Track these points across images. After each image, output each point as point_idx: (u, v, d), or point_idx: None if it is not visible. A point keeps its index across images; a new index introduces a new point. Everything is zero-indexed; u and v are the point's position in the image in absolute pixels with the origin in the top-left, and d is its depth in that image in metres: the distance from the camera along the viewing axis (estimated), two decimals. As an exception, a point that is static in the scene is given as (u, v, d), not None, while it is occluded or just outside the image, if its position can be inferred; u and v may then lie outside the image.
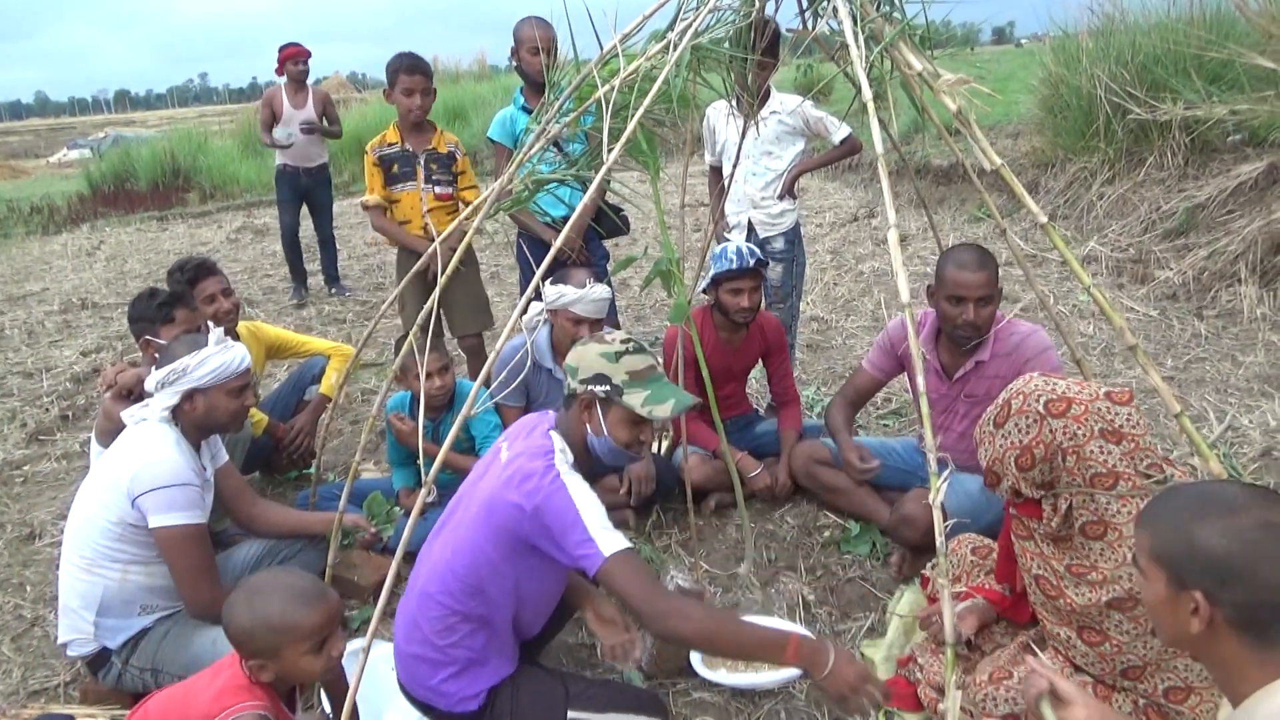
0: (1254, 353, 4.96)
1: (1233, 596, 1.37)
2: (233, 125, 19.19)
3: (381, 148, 4.38)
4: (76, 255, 10.57)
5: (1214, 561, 1.37)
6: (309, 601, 1.99)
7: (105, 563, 2.58)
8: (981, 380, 3.13)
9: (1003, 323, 3.13)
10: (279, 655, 1.97)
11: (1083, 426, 2.10)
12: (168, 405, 2.69)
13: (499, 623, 2.32)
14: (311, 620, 1.97)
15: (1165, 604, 1.46)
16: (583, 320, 3.43)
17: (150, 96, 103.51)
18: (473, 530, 2.22)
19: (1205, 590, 1.39)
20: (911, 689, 2.57)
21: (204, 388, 2.70)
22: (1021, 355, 3.06)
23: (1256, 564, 1.35)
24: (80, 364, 6.21)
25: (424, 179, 4.33)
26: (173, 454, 2.62)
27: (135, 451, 2.62)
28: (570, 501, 2.11)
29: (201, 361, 2.68)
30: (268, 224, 11.92)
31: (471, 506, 2.26)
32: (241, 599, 2.00)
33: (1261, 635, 1.37)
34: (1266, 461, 3.78)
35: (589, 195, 2.09)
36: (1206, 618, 1.39)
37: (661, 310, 6.76)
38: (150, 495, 2.53)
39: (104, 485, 2.61)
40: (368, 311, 7.41)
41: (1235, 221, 6.06)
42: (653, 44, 2.36)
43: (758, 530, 3.58)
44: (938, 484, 1.70)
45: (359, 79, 46.51)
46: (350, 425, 4.92)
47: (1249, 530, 1.37)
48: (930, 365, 3.21)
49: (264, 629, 1.95)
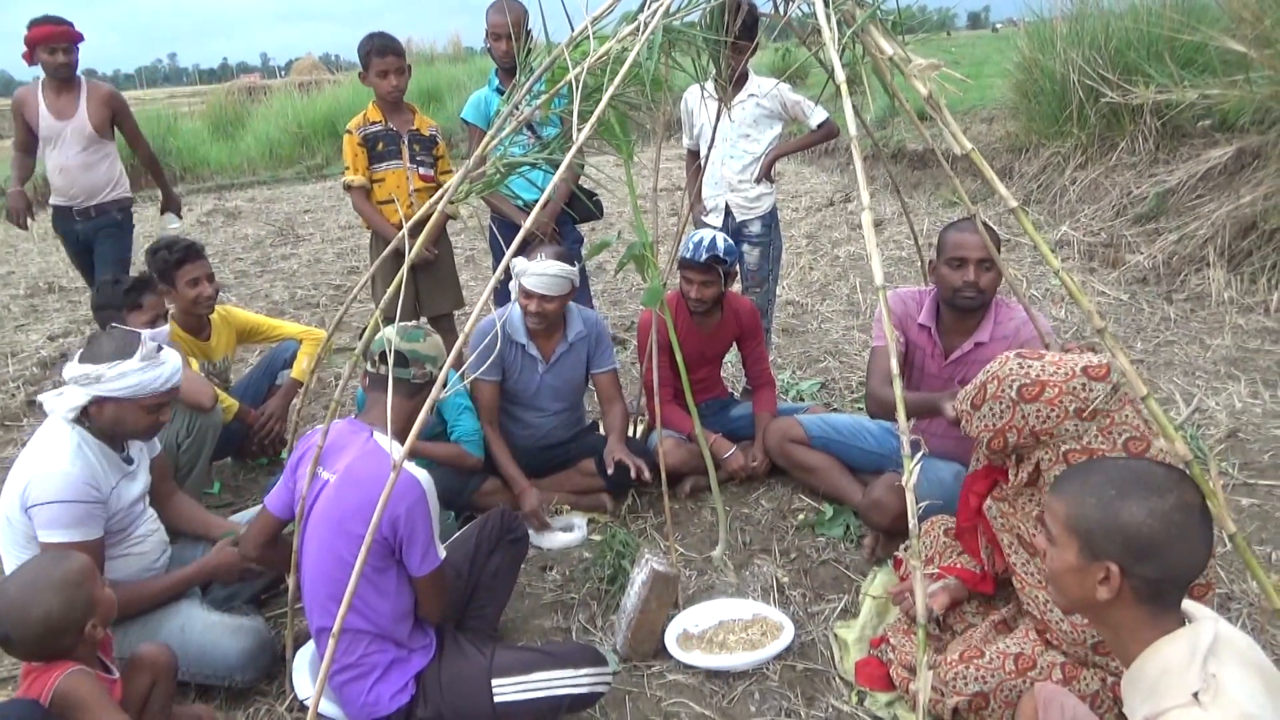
0: (1221, 336, 5.03)
1: (1145, 571, 1.46)
2: (202, 107, 18.91)
3: (365, 126, 4.33)
4: (43, 239, 10.36)
5: (1136, 538, 1.45)
6: (60, 553, 2.15)
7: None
8: (979, 363, 3.10)
9: (1004, 305, 3.12)
10: (94, 597, 2.07)
11: (1056, 409, 2.13)
12: (75, 405, 2.53)
13: (410, 613, 2.41)
14: (80, 559, 2.11)
15: (1073, 571, 1.53)
16: (531, 294, 3.41)
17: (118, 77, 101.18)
18: (337, 551, 2.28)
19: (1120, 563, 1.46)
20: (884, 669, 2.60)
21: (116, 399, 2.52)
22: (1018, 340, 3.01)
23: (1172, 544, 1.44)
24: (47, 348, 6.12)
25: (409, 159, 4.30)
26: (67, 466, 2.46)
27: (34, 458, 2.50)
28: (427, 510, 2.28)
29: (120, 374, 2.49)
30: (239, 207, 11.78)
31: (324, 531, 2.32)
32: (26, 605, 1.99)
33: (1158, 603, 1.48)
34: (1232, 443, 3.84)
35: (557, 176, 2.08)
36: (1115, 588, 1.47)
37: (638, 294, 6.75)
38: (39, 509, 2.42)
39: (9, 494, 2.50)
40: (340, 296, 7.35)
41: (1204, 206, 6.13)
42: (624, 26, 2.34)
43: (732, 514, 3.59)
44: (910, 466, 1.70)
45: (331, 60, 45.90)
46: (323, 410, 4.89)
47: (1171, 512, 1.45)
48: (929, 344, 3.18)
49: (74, 585, 2.02)
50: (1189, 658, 1.40)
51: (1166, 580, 1.47)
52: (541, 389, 3.68)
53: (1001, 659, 2.28)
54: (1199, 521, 1.47)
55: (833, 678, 2.69)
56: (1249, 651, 1.45)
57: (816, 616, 2.97)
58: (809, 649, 2.81)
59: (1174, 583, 1.48)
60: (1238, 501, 3.39)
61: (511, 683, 2.36)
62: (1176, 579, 1.48)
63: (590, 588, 3.14)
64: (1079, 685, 2.21)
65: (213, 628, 2.65)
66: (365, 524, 2.08)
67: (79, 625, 2.03)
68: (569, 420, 3.85)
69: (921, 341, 3.18)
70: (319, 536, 2.34)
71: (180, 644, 2.52)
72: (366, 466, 2.30)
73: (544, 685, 2.37)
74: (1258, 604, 2.80)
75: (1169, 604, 1.49)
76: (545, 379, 3.67)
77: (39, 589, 2.01)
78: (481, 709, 2.35)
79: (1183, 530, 1.45)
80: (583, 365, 3.75)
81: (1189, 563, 1.47)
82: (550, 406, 3.73)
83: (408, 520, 2.22)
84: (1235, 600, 2.84)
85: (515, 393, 3.69)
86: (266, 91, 20.27)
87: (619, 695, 2.62)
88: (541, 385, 3.67)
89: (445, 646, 2.47)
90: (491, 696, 2.35)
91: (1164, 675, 1.42)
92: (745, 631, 2.82)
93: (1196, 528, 1.47)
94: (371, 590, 2.29)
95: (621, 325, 6.04)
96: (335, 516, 2.29)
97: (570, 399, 3.81)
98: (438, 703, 2.35)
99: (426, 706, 2.36)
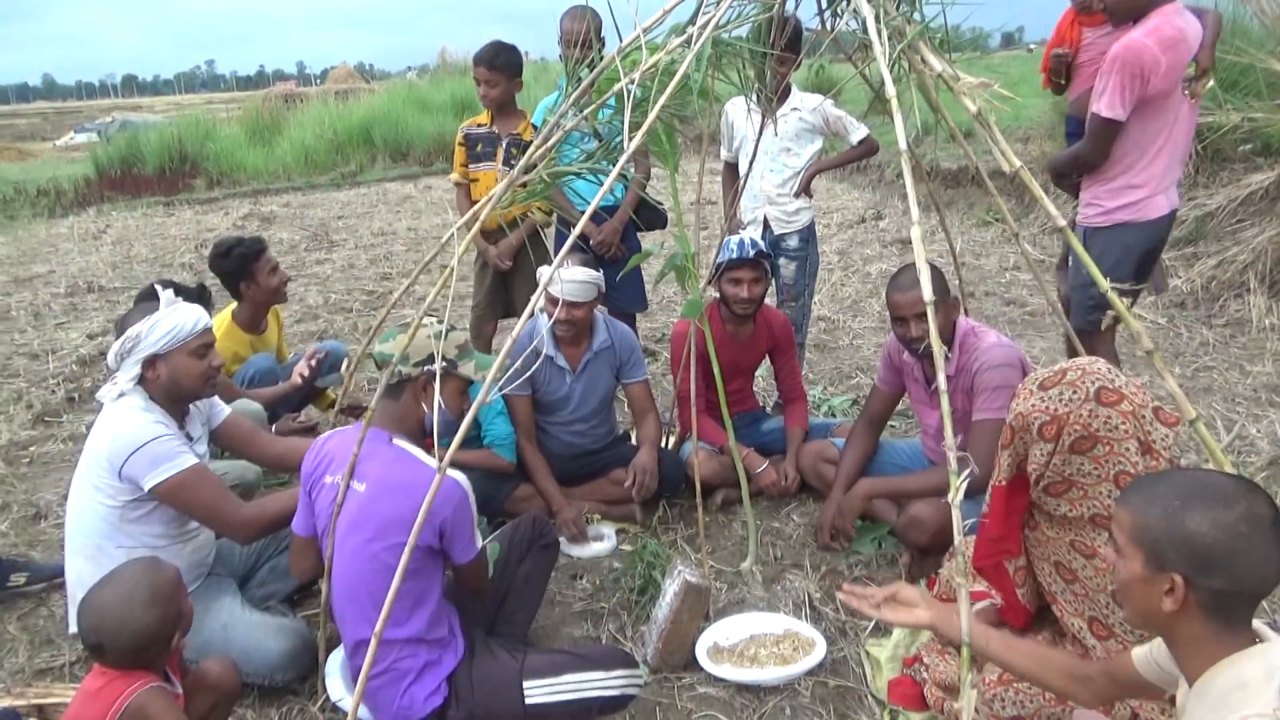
0: (1262, 362, 4.95)
1: (1210, 583, 1.43)
2: (240, 113, 19.18)
3: (471, 127, 4.53)
4: (83, 239, 10.56)
5: (1200, 549, 1.43)
6: (153, 562, 2.12)
7: (110, 548, 2.56)
8: (954, 394, 3.12)
9: (973, 334, 3.12)
10: (183, 609, 2.09)
11: (1127, 423, 2.09)
12: (131, 377, 2.62)
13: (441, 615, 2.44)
14: (171, 568, 2.12)
15: (1139, 582, 1.51)
16: (560, 302, 3.42)
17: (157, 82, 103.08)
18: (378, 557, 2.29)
19: (1185, 574, 1.44)
20: (918, 689, 2.57)
21: (162, 352, 2.61)
22: (983, 366, 3.02)
23: (1238, 555, 1.41)
24: (86, 347, 6.21)
25: (502, 160, 4.39)
26: (139, 417, 2.57)
27: (106, 429, 2.58)
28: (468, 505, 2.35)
29: (153, 325, 2.59)
30: (274, 211, 11.92)
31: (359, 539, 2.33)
32: (123, 612, 1.99)
33: (1228, 619, 1.45)
34: (1274, 470, 3.77)
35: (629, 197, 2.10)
36: (1180, 599, 1.45)
37: (668, 306, 6.75)
38: (131, 460, 2.50)
39: (90, 468, 2.58)
40: (373, 301, 7.41)
41: (1245, 231, 6.05)
42: (673, 37, 2.35)
43: (764, 528, 3.58)
44: (957, 483, 1.69)
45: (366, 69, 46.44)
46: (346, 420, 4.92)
47: (1237, 522, 1.42)
48: (918, 373, 3.32)
49: (166, 599, 2.03)
50: (1266, 675, 1.38)
51: (1234, 594, 1.43)
52: (572, 398, 3.69)
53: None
54: (1269, 534, 1.42)
55: (865, 696, 2.66)
56: None
57: (849, 633, 2.95)
58: (841, 666, 2.79)
59: (1243, 597, 1.45)
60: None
61: (543, 684, 2.37)
62: (1245, 593, 1.44)
63: (620, 597, 3.14)
64: (1116, 714, 2.18)
65: (256, 628, 2.67)
66: (408, 531, 2.11)
67: (169, 638, 2.04)
68: (600, 430, 3.85)
69: (913, 372, 3.33)
70: (352, 546, 2.34)
71: (224, 642, 2.55)
72: (400, 474, 2.31)
73: (575, 687, 2.38)
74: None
75: (1238, 619, 1.46)
76: (574, 387, 3.68)
77: (137, 602, 2.00)
78: (513, 710, 2.36)
79: (1250, 542, 1.41)
80: (610, 374, 3.76)
81: (1259, 576, 1.43)
82: (580, 414, 3.74)
83: (454, 521, 2.29)
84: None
85: (545, 404, 3.70)
86: (303, 99, 20.53)
87: (649, 705, 2.61)
88: (570, 394, 3.68)
89: (476, 650, 2.48)
90: (523, 698, 2.35)
91: (1238, 690, 1.39)
92: (777, 646, 2.81)
93: (1266, 540, 1.42)
94: (409, 596, 2.30)
95: (653, 337, 6.04)
96: (373, 525, 2.30)
97: (599, 408, 3.82)
98: (470, 704, 2.36)
99: (459, 708, 2.36)
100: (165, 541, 2.63)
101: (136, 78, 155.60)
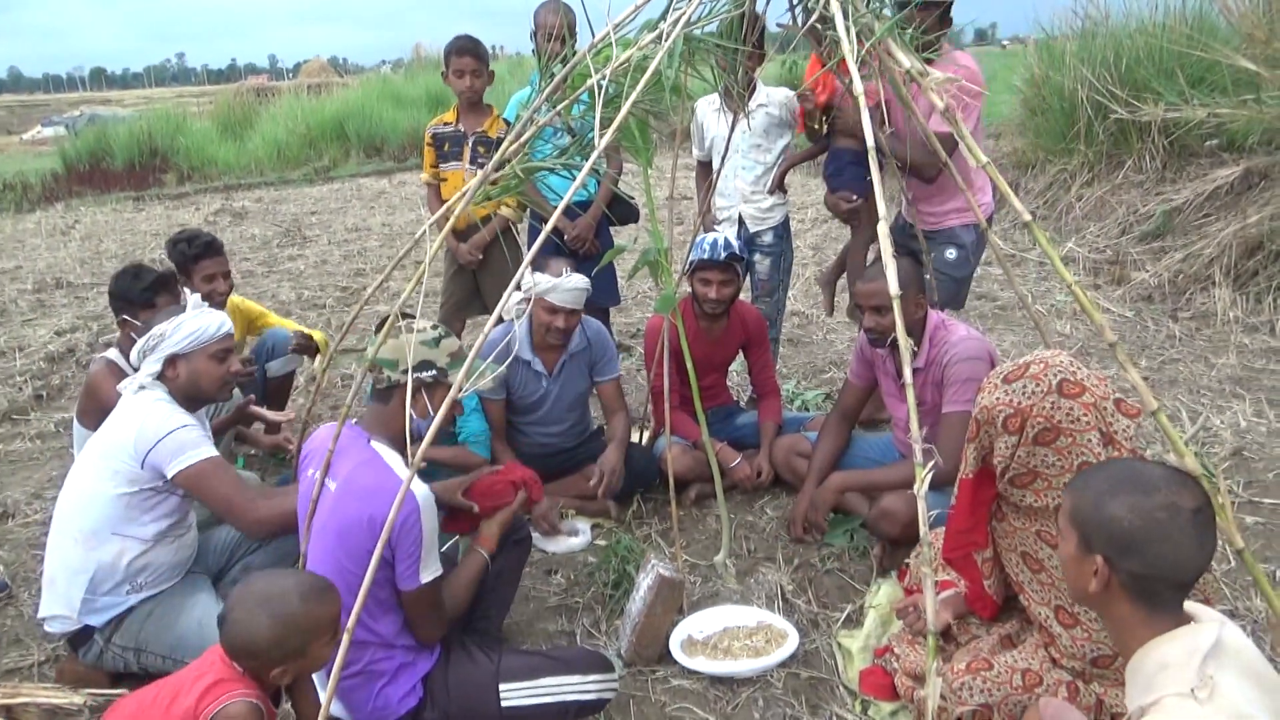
0: (1226, 355, 5.04)
1: (1129, 566, 1.53)
2: (211, 107, 18.99)
3: (437, 126, 4.50)
4: (50, 234, 10.42)
5: (1118, 533, 1.53)
6: (323, 595, 2.01)
7: (107, 534, 2.57)
8: (925, 387, 3.16)
9: (943, 328, 3.16)
10: (306, 653, 1.97)
11: (1088, 414, 2.13)
12: (151, 373, 2.70)
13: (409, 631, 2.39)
14: (332, 611, 2.01)
15: (1073, 562, 1.62)
16: (558, 310, 3.43)
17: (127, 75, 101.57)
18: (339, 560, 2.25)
19: (1106, 556, 1.54)
20: (889, 679, 2.60)
21: (184, 352, 2.71)
22: (953, 360, 3.06)
23: (1153, 541, 1.50)
24: (55, 343, 6.12)
25: (469, 159, 4.36)
26: (164, 408, 2.65)
27: (132, 416, 2.63)
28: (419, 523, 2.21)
29: (178, 326, 2.70)
30: (246, 207, 11.82)
31: (326, 540, 2.30)
32: (253, 610, 1.94)
33: (1151, 601, 1.54)
34: (1237, 460, 3.85)
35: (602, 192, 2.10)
36: (1104, 580, 1.55)
37: (643, 301, 6.77)
38: (159, 446, 2.56)
39: (109, 455, 2.60)
40: (346, 298, 7.37)
41: (1210, 225, 6.16)
42: (645, 33, 2.36)
43: (738, 521, 3.60)
44: (922, 474, 1.72)
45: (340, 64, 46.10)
46: (330, 410, 4.90)
47: (1155, 510, 1.51)
48: (888, 366, 3.35)
49: (295, 631, 1.94)
50: (1187, 657, 1.44)
51: (1154, 578, 1.51)
52: (546, 400, 3.70)
53: (1009, 673, 2.28)
54: (1188, 524, 1.50)
55: (836, 686, 2.69)
56: (1254, 661, 1.47)
57: (821, 625, 2.98)
58: (813, 657, 2.82)
59: (1164, 581, 1.52)
60: (1242, 519, 3.40)
61: (519, 687, 2.37)
62: (1165, 578, 1.52)
63: (595, 592, 3.15)
64: (1080, 700, 2.22)
65: None
66: (362, 536, 2.12)
67: (277, 662, 1.96)
68: (575, 429, 3.86)
69: (884, 365, 3.37)
70: (323, 545, 2.33)
71: (198, 639, 2.53)
72: (364, 477, 2.28)
73: (552, 690, 2.38)
74: (1262, 620, 2.80)
75: (1164, 603, 1.53)
76: (550, 390, 3.69)
77: (274, 609, 1.93)
78: (489, 713, 2.35)
79: (1166, 530, 1.50)
80: (585, 375, 3.77)
81: (1174, 562, 1.51)
82: (555, 417, 3.74)
83: (399, 535, 2.19)
84: (1240, 617, 2.85)
85: (520, 406, 3.71)
86: (275, 93, 20.36)
87: (623, 699, 2.63)
88: (546, 396, 3.69)
89: (452, 650, 2.47)
90: (499, 701, 2.35)
91: (1161, 671, 1.46)
92: (750, 638, 2.83)
93: (1183, 529, 1.50)
94: (374, 602, 2.28)
95: (627, 332, 6.05)
96: (334, 527, 2.28)
97: (574, 408, 3.83)
98: (445, 706, 2.35)
99: (434, 709, 2.36)
100: (158, 538, 2.65)
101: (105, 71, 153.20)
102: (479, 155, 4.39)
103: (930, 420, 3.06)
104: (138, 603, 2.64)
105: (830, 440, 3.53)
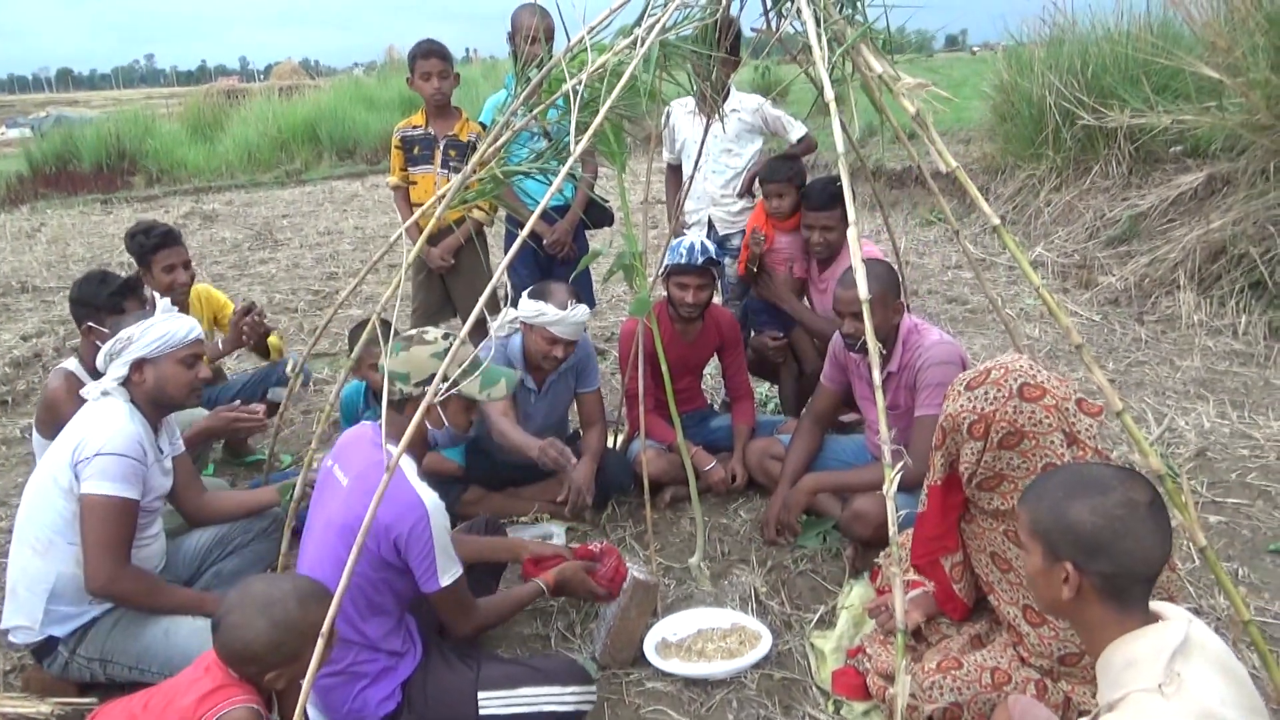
0: (1191, 357, 5.13)
1: (1099, 567, 1.54)
2: (180, 108, 18.78)
3: (406, 129, 4.49)
4: (16, 237, 10.26)
5: (1084, 536, 1.54)
6: (321, 598, 1.99)
7: (62, 544, 2.52)
8: (898, 390, 3.19)
9: (917, 331, 3.20)
10: (302, 657, 1.95)
11: (1050, 416, 2.17)
12: (118, 377, 2.64)
13: (401, 625, 2.40)
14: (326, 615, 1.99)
15: (1041, 573, 1.62)
16: (559, 341, 3.42)
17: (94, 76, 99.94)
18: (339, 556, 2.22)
19: (1075, 562, 1.55)
20: (861, 679, 2.62)
21: (152, 357, 2.65)
22: (926, 364, 3.10)
23: (1118, 538, 1.53)
24: (20, 349, 6.02)
25: (440, 163, 4.33)
26: (124, 423, 2.57)
27: (87, 422, 2.58)
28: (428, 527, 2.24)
29: (146, 329, 2.65)
30: (216, 209, 11.70)
31: (329, 535, 2.30)
32: (251, 615, 1.92)
33: (1121, 599, 1.55)
34: (1201, 461, 3.92)
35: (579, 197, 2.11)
36: (1076, 585, 1.56)
37: (618, 305, 6.78)
38: (90, 461, 2.47)
39: (56, 460, 2.55)
40: (319, 301, 7.32)
41: (1175, 230, 6.26)
42: (620, 38, 2.38)
43: (712, 524, 3.61)
44: (891, 475, 1.74)
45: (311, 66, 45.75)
46: (302, 415, 4.87)
47: (1114, 508, 1.54)
48: (860, 369, 3.36)
49: (293, 635, 1.93)
50: (1155, 653, 1.47)
51: (1123, 575, 1.54)
52: (535, 416, 3.71)
53: (979, 671, 2.31)
54: (1146, 516, 1.54)
55: (809, 687, 2.71)
56: (1222, 657, 1.49)
57: (794, 626, 3.00)
58: (786, 658, 2.83)
59: (1131, 578, 1.54)
60: (1206, 519, 3.46)
61: (498, 696, 2.36)
62: (1133, 574, 1.54)
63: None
64: (1049, 698, 2.25)
65: (198, 633, 2.60)
66: (369, 536, 2.10)
67: (272, 668, 1.96)
68: (554, 435, 3.86)
69: (858, 368, 3.37)
70: (325, 539, 2.31)
71: (165, 647, 2.51)
72: (373, 479, 2.25)
73: (530, 701, 2.37)
74: (1225, 618, 2.86)
75: (1132, 600, 1.55)
76: (538, 406, 3.70)
77: (273, 611, 1.93)
78: None
79: (1128, 525, 1.53)
80: (569, 388, 3.80)
81: (1140, 557, 1.53)
82: (538, 428, 3.73)
83: (408, 540, 2.23)
84: (1204, 615, 2.90)
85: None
86: (245, 95, 20.17)
87: (598, 703, 2.63)
88: (534, 412, 3.70)
89: (431, 657, 2.46)
90: (478, 709, 2.34)
91: (1128, 668, 1.49)
92: (724, 640, 2.84)
93: (1143, 522, 1.53)
94: (365, 604, 2.28)
95: (602, 336, 6.06)
96: (341, 522, 2.27)
97: (558, 421, 3.85)
98: (423, 712, 2.34)
99: (411, 714, 2.35)
100: None
101: (72, 72, 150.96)
102: (450, 159, 4.38)
103: (904, 423, 3.10)
104: (101, 613, 2.59)
105: (803, 443, 3.55)
